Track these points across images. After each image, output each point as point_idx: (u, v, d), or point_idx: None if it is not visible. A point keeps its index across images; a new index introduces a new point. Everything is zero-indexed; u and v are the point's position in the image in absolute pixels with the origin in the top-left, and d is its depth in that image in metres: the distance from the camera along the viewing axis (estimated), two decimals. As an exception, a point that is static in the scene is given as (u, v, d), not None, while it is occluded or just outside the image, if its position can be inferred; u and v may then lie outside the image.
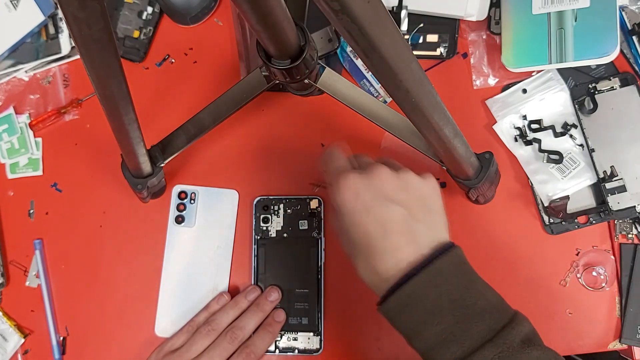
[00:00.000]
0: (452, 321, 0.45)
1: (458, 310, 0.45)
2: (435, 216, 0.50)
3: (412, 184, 0.50)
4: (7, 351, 0.68)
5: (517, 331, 0.45)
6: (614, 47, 0.61)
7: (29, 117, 0.72)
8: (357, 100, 0.57)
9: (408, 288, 0.46)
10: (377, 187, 0.48)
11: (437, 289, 0.46)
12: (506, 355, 0.44)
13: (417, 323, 0.46)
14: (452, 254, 0.47)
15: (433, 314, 0.45)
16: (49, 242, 0.70)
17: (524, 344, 0.45)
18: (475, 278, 0.48)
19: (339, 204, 0.49)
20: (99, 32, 0.35)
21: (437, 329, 0.45)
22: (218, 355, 0.61)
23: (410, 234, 0.48)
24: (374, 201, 0.48)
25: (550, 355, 0.45)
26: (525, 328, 0.46)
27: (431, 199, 0.50)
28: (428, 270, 0.46)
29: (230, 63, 0.71)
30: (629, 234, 0.65)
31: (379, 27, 0.34)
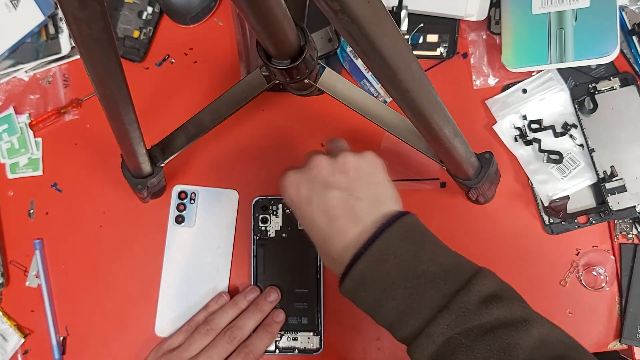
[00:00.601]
0: (406, 293, 0.45)
1: (410, 281, 0.45)
2: (378, 189, 0.50)
3: (350, 164, 0.50)
4: (7, 351, 0.68)
5: (475, 292, 0.44)
6: (614, 47, 0.61)
7: (29, 117, 0.72)
8: (357, 100, 0.57)
9: (357, 268, 0.46)
10: (315, 176, 0.50)
11: (385, 263, 0.45)
12: (462, 320, 0.43)
13: (374, 301, 0.46)
14: (397, 225, 0.47)
15: (386, 289, 0.45)
16: (49, 242, 0.70)
17: (482, 304, 0.43)
18: (427, 243, 0.47)
19: (287, 202, 0.52)
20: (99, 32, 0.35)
21: (393, 304, 0.45)
22: (216, 354, 0.61)
23: (352, 214, 0.48)
24: (313, 191, 0.49)
25: (514, 310, 0.44)
26: (484, 286, 0.44)
27: (371, 175, 0.50)
28: (373, 247, 0.46)
29: (230, 63, 0.71)
30: (629, 234, 0.65)
31: (379, 27, 0.34)
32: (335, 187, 0.49)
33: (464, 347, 0.43)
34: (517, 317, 0.43)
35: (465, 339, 0.43)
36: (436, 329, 0.43)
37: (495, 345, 0.42)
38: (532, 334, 0.43)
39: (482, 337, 0.42)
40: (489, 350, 0.42)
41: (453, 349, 0.43)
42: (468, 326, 0.43)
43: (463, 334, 0.43)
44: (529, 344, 0.42)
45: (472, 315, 0.43)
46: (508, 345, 0.42)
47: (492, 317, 0.43)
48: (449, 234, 0.66)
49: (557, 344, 0.43)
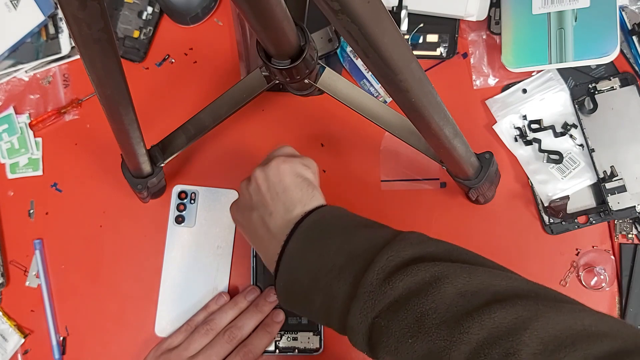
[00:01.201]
0: (322, 295, 0.45)
1: (320, 282, 0.45)
2: (285, 196, 0.50)
3: (259, 180, 0.52)
4: (7, 351, 0.68)
5: (376, 271, 0.42)
6: (614, 47, 0.61)
7: (29, 117, 0.72)
8: (357, 100, 0.57)
9: (278, 284, 0.48)
10: (242, 204, 0.54)
11: (296, 272, 0.46)
12: (370, 304, 0.42)
13: (302, 310, 0.48)
14: (299, 231, 0.47)
15: (305, 297, 0.46)
16: (49, 242, 0.70)
17: (385, 282, 0.42)
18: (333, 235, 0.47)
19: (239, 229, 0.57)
20: (99, 32, 0.35)
21: (314, 308, 0.46)
22: (215, 354, 0.61)
23: (269, 231, 0.50)
24: (243, 217, 0.54)
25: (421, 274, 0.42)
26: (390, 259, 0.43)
27: (278, 183, 0.51)
28: (283, 261, 0.47)
29: (230, 63, 0.71)
30: (629, 234, 0.65)
31: (379, 27, 0.34)
32: (254, 208, 0.52)
33: (384, 329, 0.42)
34: (426, 281, 0.41)
35: (382, 320, 0.42)
36: (354, 321, 0.43)
37: (409, 319, 0.41)
38: (446, 292, 0.40)
39: (396, 315, 0.41)
40: (405, 325, 0.41)
41: (377, 333, 0.42)
42: (380, 307, 0.42)
43: (380, 316, 0.42)
44: (444, 304, 0.40)
45: (379, 297, 0.42)
46: (421, 314, 0.40)
47: (399, 291, 0.42)
48: (449, 234, 0.66)
49: (480, 293, 0.40)
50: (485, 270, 0.42)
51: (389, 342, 0.42)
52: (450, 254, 0.45)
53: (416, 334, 0.40)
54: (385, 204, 0.67)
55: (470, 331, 0.38)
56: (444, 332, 0.39)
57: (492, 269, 0.43)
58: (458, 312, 0.40)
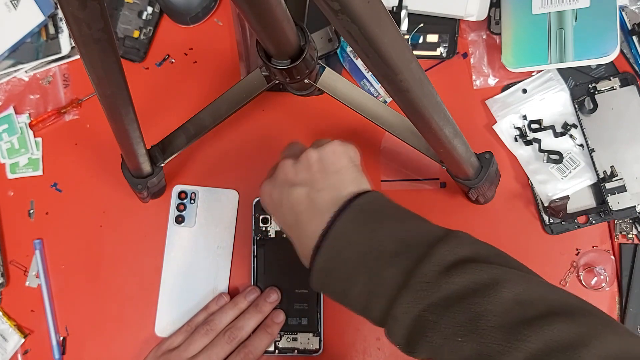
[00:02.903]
0: (367, 278, 0.43)
1: (368, 265, 0.44)
2: (339, 176, 0.49)
3: (312, 159, 0.50)
4: (7, 351, 0.68)
5: (433, 263, 0.41)
6: (614, 47, 0.61)
7: (29, 117, 0.72)
8: (357, 100, 0.57)
9: (319, 261, 0.45)
10: (282, 180, 0.51)
11: (342, 251, 0.45)
12: (424, 296, 0.41)
13: (341, 290, 0.45)
14: (350, 209, 0.46)
15: (348, 278, 0.44)
16: (49, 242, 0.70)
17: (443, 275, 0.41)
18: (385, 220, 0.46)
19: (267, 211, 0.54)
20: (99, 32, 0.35)
21: (356, 290, 0.44)
22: (215, 354, 0.61)
23: (314, 207, 0.48)
24: (281, 193, 0.50)
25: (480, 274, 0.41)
26: (445, 254, 0.42)
27: (333, 163, 0.49)
28: (329, 237, 0.45)
29: (230, 63, 0.71)
30: (629, 234, 0.65)
31: (379, 27, 0.34)
32: (299, 184, 0.49)
33: (431, 324, 0.41)
34: (484, 282, 0.40)
35: (431, 314, 0.41)
36: (400, 310, 0.42)
37: (462, 317, 0.40)
38: (503, 297, 0.40)
39: (447, 310, 0.40)
40: (456, 323, 0.40)
41: (422, 327, 0.41)
42: (432, 300, 0.41)
43: (429, 310, 0.41)
44: (499, 308, 0.39)
45: (433, 289, 0.41)
46: (476, 315, 0.39)
47: (456, 287, 0.41)
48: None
49: (536, 303, 0.40)
50: (540, 281, 0.42)
51: (434, 338, 0.40)
52: (499, 258, 0.44)
53: (468, 333, 0.39)
54: (385, 204, 0.67)
55: (527, 339, 0.37)
56: (498, 336, 0.38)
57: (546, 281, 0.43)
58: (515, 319, 0.39)
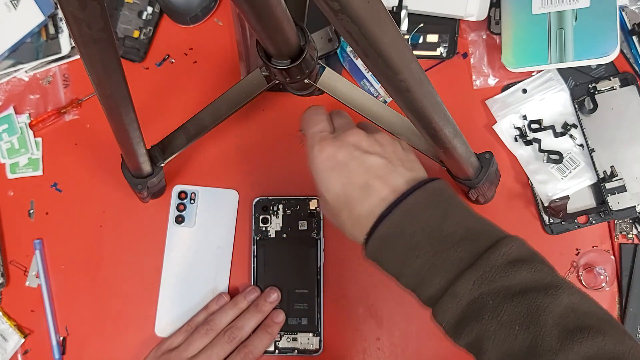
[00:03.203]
0: (431, 252, 0.44)
1: (435, 241, 0.44)
2: (413, 163, 0.51)
3: (386, 140, 0.51)
4: (7, 351, 0.68)
5: (502, 252, 0.43)
6: (614, 47, 0.61)
7: (29, 117, 0.72)
8: (357, 100, 0.57)
9: (383, 227, 0.46)
10: (353, 144, 0.49)
11: (411, 224, 0.45)
12: (488, 277, 0.42)
13: (399, 261, 0.46)
14: (427, 187, 0.47)
15: (411, 249, 0.45)
16: (49, 242, 0.70)
17: (510, 265, 0.43)
18: (455, 207, 0.47)
19: (316, 168, 0.50)
20: (99, 32, 0.35)
21: (417, 263, 0.45)
22: (215, 354, 0.61)
23: (388, 177, 0.48)
24: (351, 156, 0.48)
25: (543, 274, 0.43)
26: (513, 248, 0.44)
27: (406, 153, 0.51)
28: (401, 207, 0.45)
29: (230, 63, 0.71)
30: (629, 234, 0.65)
31: (379, 27, 0.34)
32: (375, 154, 0.49)
33: (490, 308, 0.42)
34: (546, 282, 0.42)
35: (492, 299, 0.42)
36: (462, 287, 0.43)
37: (523, 308, 0.41)
38: (562, 301, 0.41)
39: (509, 299, 0.41)
40: (516, 313, 0.41)
41: (479, 309, 0.42)
42: (495, 286, 0.42)
43: (490, 295, 0.42)
44: (558, 310, 0.41)
45: (499, 275, 0.42)
46: (537, 309, 0.41)
47: (520, 279, 0.42)
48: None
49: (589, 315, 0.42)
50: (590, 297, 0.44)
51: (489, 323, 0.42)
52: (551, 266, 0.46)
53: (527, 324, 0.41)
54: (385, 204, 0.67)
55: (582, 343, 0.40)
56: (555, 333, 0.40)
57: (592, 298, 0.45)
58: (571, 323, 0.41)
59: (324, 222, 0.67)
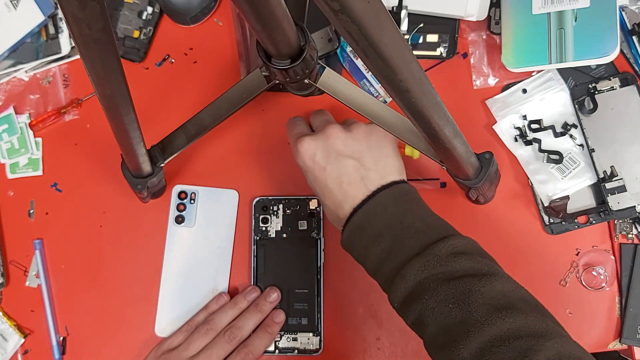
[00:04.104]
0: (390, 241, 0.51)
1: (395, 232, 0.52)
2: (386, 161, 0.56)
3: (362, 133, 0.56)
4: (7, 351, 0.68)
5: (448, 245, 0.50)
6: (614, 47, 0.61)
7: (29, 117, 0.72)
8: (357, 100, 0.57)
9: (354, 219, 0.53)
10: (330, 145, 0.56)
11: (377, 216, 0.52)
12: (431, 265, 0.49)
13: (364, 248, 0.53)
14: (394, 188, 0.54)
15: (375, 237, 0.52)
16: (49, 242, 0.70)
17: (452, 255, 0.49)
18: (418, 206, 0.54)
19: (301, 165, 0.58)
20: (99, 32, 0.35)
21: (378, 249, 0.52)
22: (215, 354, 0.61)
23: (361, 181, 0.54)
24: (328, 159, 0.55)
25: (481, 266, 0.49)
26: (459, 243, 0.50)
27: (381, 146, 0.56)
28: (369, 203, 0.53)
29: (230, 63, 0.71)
30: (629, 234, 0.65)
31: (379, 27, 0.34)
32: (349, 156, 0.55)
33: (431, 290, 0.48)
34: (484, 271, 0.49)
35: (432, 282, 0.49)
36: (409, 271, 0.49)
37: (457, 290, 0.48)
38: (494, 286, 0.48)
39: (447, 283, 0.48)
40: (452, 293, 0.48)
41: (422, 290, 0.49)
42: (436, 272, 0.49)
43: (431, 279, 0.49)
44: (490, 293, 0.47)
45: (441, 263, 0.49)
46: (468, 291, 0.47)
47: (460, 267, 0.49)
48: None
49: (519, 300, 0.48)
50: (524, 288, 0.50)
51: (429, 301, 0.48)
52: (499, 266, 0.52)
53: (459, 303, 0.47)
54: (385, 204, 0.67)
55: (505, 320, 0.45)
56: (482, 311, 0.46)
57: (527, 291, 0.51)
58: (499, 304, 0.47)
59: (324, 222, 0.67)
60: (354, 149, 0.55)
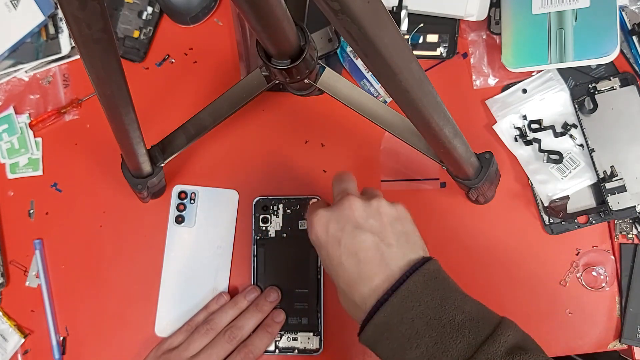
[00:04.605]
0: (431, 343, 0.44)
1: (435, 330, 0.44)
2: (409, 238, 0.50)
3: (382, 209, 0.50)
4: (7, 351, 0.68)
5: (500, 343, 0.43)
6: (614, 47, 0.61)
7: (29, 117, 0.72)
8: (357, 100, 0.57)
9: (381, 315, 0.46)
10: (346, 217, 0.49)
11: (410, 311, 0.45)
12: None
13: (396, 349, 0.45)
14: (422, 271, 0.47)
15: (410, 338, 0.45)
16: (49, 242, 0.70)
17: (508, 355, 0.43)
18: (451, 290, 0.47)
19: (313, 240, 0.51)
20: (99, 32, 0.35)
21: (416, 353, 0.44)
22: (215, 354, 0.61)
23: (382, 260, 0.48)
24: (344, 231, 0.49)
25: None
26: (510, 337, 0.44)
27: (402, 223, 0.50)
28: (398, 294, 0.45)
29: (230, 63, 0.71)
30: (629, 234, 0.65)
31: (379, 27, 0.34)
32: (367, 230, 0.48)
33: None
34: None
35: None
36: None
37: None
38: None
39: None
40: None
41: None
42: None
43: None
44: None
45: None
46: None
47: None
48: (449, 234, 0.66)
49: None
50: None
51: None
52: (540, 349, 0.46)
53: None
54: (385, 204, 0.67)
55: None
56: None
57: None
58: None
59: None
60: (374, 223, 0.49)
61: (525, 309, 0.65)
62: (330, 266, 0.50)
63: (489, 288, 0.65)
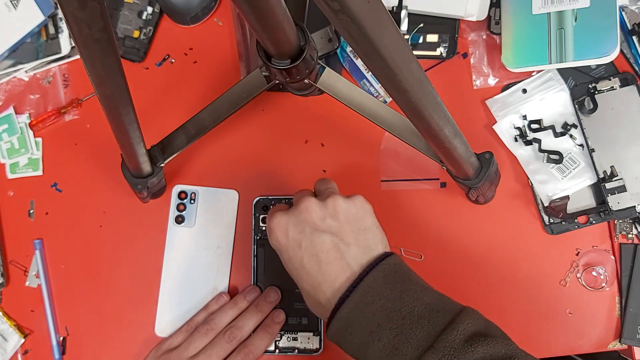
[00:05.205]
0: (392, 335, 0.45)
1: (395, 322, 0.45)
2: (367, 234, 0.51)
3: (339, 207, 0.51)
4: (7, 351, 0.68)
5: (459, 331, 0.44)
6: (614, 47, 0.61)
7: (29, 117, 0.72)
8: (357, 100, 0.57)
9: (343, 311, 0.47)
10: (304, 219, 0.50)
11: (370, 306, 0.46)
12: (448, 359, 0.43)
13: (361, 344, 0.46)
14: (382, 266, 0.48)
15: (372, 331, 0.46)
16: (49, 242, 0.70)
17: (467, 343, 0.44)
18: (412, 283, 0.48)
19: (274, 244, 0.52)
20: (99, 32, 0.35)
21: (379, 345, 0.45)
22: (215, 354, 0.61)
23: (342, 259, 0.49)
24: (303, 234, 0.50)
25: (498, 348, 0.44)
26: (469, 325, 0.45)
27: (361, 219, 0.51)
28: (358, 290, 0.46)
29: (230, 63, 0.71)
30: (629, 234, 0.65)
31: (379, 27, 0.34)
32: (326, 231, 0.49)
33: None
34: (501, 355, 0.44)
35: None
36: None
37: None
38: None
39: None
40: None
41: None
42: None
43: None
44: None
45: (457, 355, 0.43)
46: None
47: (477, 356, 0.43)
48: (449, 234, 0.66)
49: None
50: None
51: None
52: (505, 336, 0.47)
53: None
54: (385, 204, 0.67)
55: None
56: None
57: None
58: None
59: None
60: (332, 223, 0.50)
61: (525, 309, 0.65)
62: (292, 269, 0.51)
63: (489, 288, 0.65)
